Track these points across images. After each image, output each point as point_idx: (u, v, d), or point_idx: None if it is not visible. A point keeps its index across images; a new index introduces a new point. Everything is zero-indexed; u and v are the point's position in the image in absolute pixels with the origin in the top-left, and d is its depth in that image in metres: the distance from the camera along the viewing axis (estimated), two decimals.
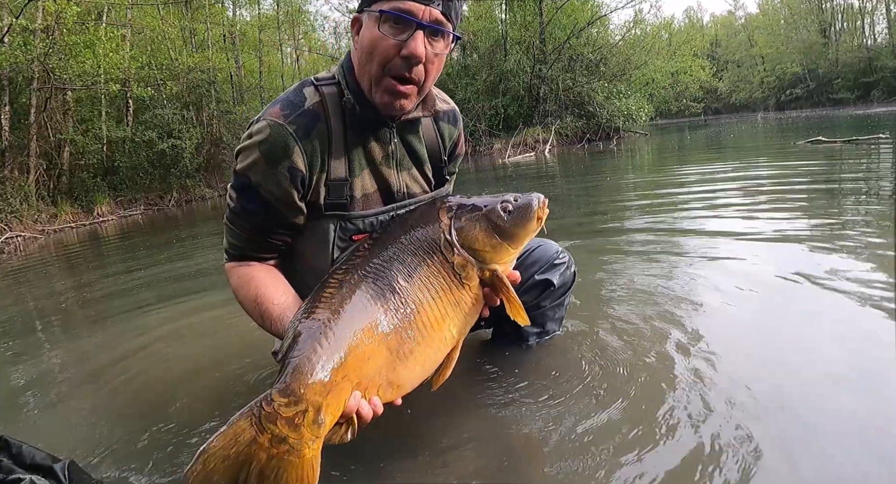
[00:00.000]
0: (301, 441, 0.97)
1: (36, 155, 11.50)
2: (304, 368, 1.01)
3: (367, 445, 1.27)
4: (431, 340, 1.14)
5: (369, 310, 1.10)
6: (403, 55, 1.19)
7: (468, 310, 1.21)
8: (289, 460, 0.97)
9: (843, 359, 1.60)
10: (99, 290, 4.03)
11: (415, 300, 1.14)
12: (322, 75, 1.38)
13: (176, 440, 1.54)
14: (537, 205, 1.25)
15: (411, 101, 1.30)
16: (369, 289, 1.13)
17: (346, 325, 1.07)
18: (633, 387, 1.54)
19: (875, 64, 41.62)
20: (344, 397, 1.02)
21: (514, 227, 1.23)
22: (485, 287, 1.23)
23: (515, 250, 1.26)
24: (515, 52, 21.85)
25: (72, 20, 10.95)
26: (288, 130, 1.26)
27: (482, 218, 1.23)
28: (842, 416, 1.32)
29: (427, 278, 1.17)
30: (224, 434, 0.97)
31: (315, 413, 0.99)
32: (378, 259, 1.18)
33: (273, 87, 21.27)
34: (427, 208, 1.30)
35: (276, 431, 0.96)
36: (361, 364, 1.06)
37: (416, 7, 1.17)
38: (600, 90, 21.32)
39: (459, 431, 1.43)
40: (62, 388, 2.08)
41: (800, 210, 3.82)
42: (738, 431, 1.28)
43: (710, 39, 63.32)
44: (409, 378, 1.13)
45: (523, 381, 1.63)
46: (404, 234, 1.23)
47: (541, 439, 1.35)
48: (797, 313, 2.00)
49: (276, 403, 0.97)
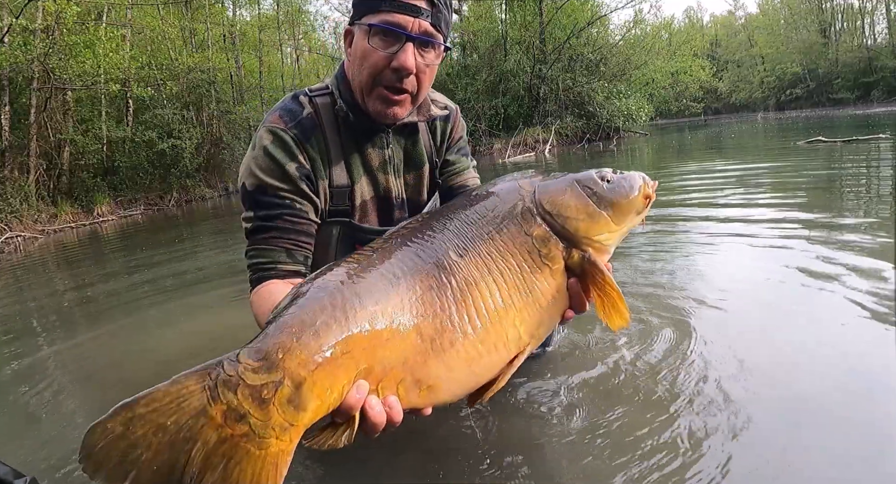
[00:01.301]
0: (266, 425, 0.72)
1: (36, 155, 11.49)
2: (291, 328, 0.77)
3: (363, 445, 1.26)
4: (486, 335, 0.88)
5: (402, 281, 0.86)
6: (394, 67, 1.21)
7: (544, 303, 0.94)
8: (245, 450, 0.71)
9: (844, 359, 1.60)
10: (99, 290, 4.03)
11: (467, 279, 0.89)
12: (315, 86, 1.40)
13: None
14: (642, 181, 1.04)
15: (405, 109, 1.31)
16: (408, 259, 0.89)
17: (365, 291, 0.83)
18: (634, 387, 1.53)
19: (875, 64, 41.59)
20: (342, 381, 0.77)
21: (614, 196, 0.99)
22: (571, 277, 0.97)
23: (617, 227, 1.00)
24: (515, 52, 21.84)
25: (72, 20, 10.95)
26: (290, 135, 1.29)
27: (574, 182, 1.01)
28: (843, 416, 1.32)
29: (490, 254, 0.92)
30: (162, 392, 0.71)
31: (293, 389, 0.73)
32: (429, 230, 0.94)
33: (273, 87, 21.28)
34: (502, 179, 1.07)
35: (234, 402, 0.71)
36: (377, 344, 0.80)
37: (405, 20, 1.18)
38: (600, 90, 21.32)
39: (460, 431, 1.43)
40: (58, 389, 2.08)
41: (800, 210, 3.81)
42: (739, 430, 1.28)
43: (710, 39, 63.35)
44: (447, 380, 0.85)
45: (521, 377, 1.63)
46: (470, 204, 1.00)
47: (540, 440, 1.35)
48: (797, 313, 1.99)
49: (241, 364, 0.73)
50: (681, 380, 1.55)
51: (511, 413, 1.48)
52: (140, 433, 0.69)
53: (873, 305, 1.92)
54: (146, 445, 0.69)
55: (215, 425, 0.71)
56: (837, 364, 1.58)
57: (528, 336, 0.92)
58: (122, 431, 0.69)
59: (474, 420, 1.47)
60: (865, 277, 2.22)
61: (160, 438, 0.69)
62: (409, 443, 1.39)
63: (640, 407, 1.43)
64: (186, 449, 0.70)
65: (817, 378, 1.52)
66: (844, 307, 1.94)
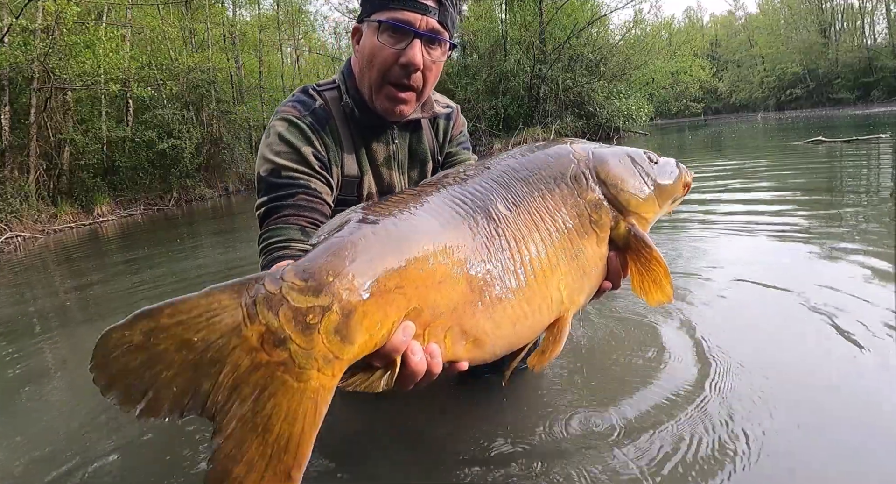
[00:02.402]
0: (309, 355, 0.64)
1: (36, 155, 11.49)
2: (343, 251, 0.69)
3: (362, 441, 1.26)
4: (532, 294, 0.84)
5: (454, 225, 0.80)
6: (402, 63, 1.23)
7: (588, 269, 0.92)
8: (282, 381, 0.63)
9: (844, 359, 1.60)
10: (99, 290, 4.03)
11: (516, 235, 0.85)
12: (323, 81, 1.42)
13: (176, 448, 1.54)
14: (684, 169, 1.08)
15: (411, 107, 1.33)
16: (457, 205, 0.84)
17: (420, 228, 0.77)
18: (633, 388, 1.54)
19: (875, 64, 41.61)
20: (392, 318, 0.71)
21: (662, 178, 1.01)
22: (611, 250, 0.96)
23: (660, 208, 1.03)
24: (515, 52, 21.83)
25: (72, 20, 10.94)
26: (305, 123, 1.30)
27: (627, 155, 1.01)
28: (844, 417, 1.32)
29: (539, 212, 0.89)
30: (190, 304, 0.62)
31: (341, 318, 0.66)
32: (474, 180, 0.90)
33: (273, 87, 21.30)
34: (546, 142, 1.04)
35: (274, 324, 0.63)
36: (430, 284, 0.74)
37: (413, 17, 1.20)
38: (600, 90, 21.32)
39: (460, 433, 1.44)
40: (58, 389, 2.08)
41: (800, 209, 3.81)
42: (739, 433, 1.28)
43: (710, 39, 63.38)
44: (492, 335, 0.81)
45: (522, 377, 1.63)
46: (517, 160, 0.96)
47: (541, 440, 1.35)
48: (797, 313, 1.99)
49: (286, 283, 0.65)
50: (681, 379, 1.55)
51: (511, 413, 1.48)
52: (161, 348, 0.60)
53: (874, 304, 1.92)
54: (167, 362, 0.60)
55: (249, 348, 0.62)
56: (838, 363, 1.58)
57: (569, 301, 0.89)
58: (140, 342, 0.60)
59: (475, 419, 1.47)
60: (866, 276, 2.22)
61: (184, 356, 0.61)
62: (409, 442, 1.39)
63: (639, 407, 1.43)
64: (213, 372, 0.61)
65: (817, 378, 1.52)
66: (845, 306, 1.94)
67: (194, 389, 0.61)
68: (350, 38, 1.37)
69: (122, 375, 0.60)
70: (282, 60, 25.83)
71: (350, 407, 1.54)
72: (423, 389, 0.78)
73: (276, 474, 0.62)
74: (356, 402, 1.54)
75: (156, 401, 0.60)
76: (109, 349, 0.60)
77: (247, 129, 17.45)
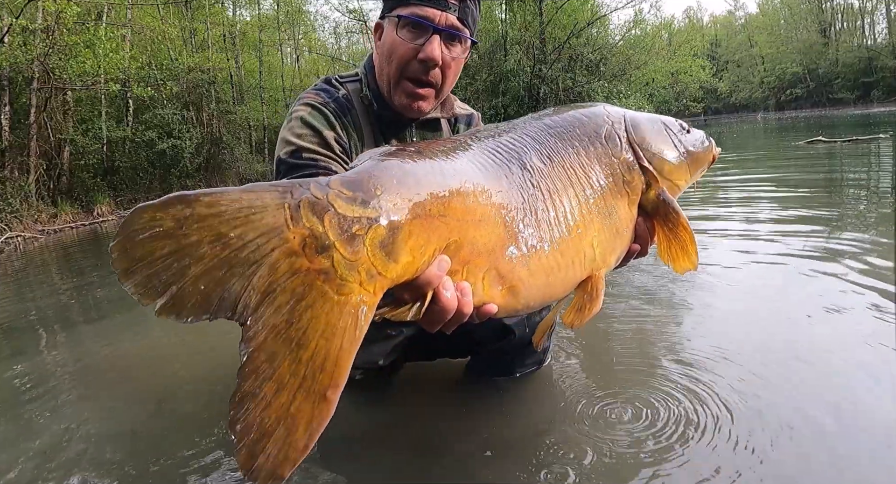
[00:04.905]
0: (353, 266, 0.59)
1: (36, 155, 11.48)
2: (390, 168, 0.68)
3: (364, 440, 1.26)
4: (567, 247, 0.83)
5: (490, 171, 0.80)
6: (420, 58, 1.24)
7: (620, 229, 0.92)
8: (322, 291, 0.58)
9: (844, 359, 1.60)
10: (99, 290, 4.03)
11: (550, 188, 0.84)
12: (346, 73, 1.44)
13: (176, 449, 1.54)
14: (710, 140, 1.09)
15: (429, 104, 1.34)
16: (493, 154, 0.83)
17: (459, 168, 0.76)
18: (634, 388, 1.54)
19: (875, 64, 41.64)
20: (434, 244, 0.68)
21: (694, 147, 1.03)
22: (639, 215, 0.96)
23: (690, 177, 1.05)
24: (515, 52, 21.83)
25: (72, 20, 10.94)
26: (329, 109, 1.31)
27: (662, 122, 1.02)
28: (847, 418, 1.32)
29: (574, 168, 0.88)
30: (231, 197, 0.57)
31: (388, 233, 0.63)
32: (509, 135, 0.89)
33: (273, 87, 21.29)
34: (586, 104, 1.04)
35: (318, 229, 0.59)
36: (471, 220, 0.73)
37: (433, 13, 1.21)
38: (600, 90, 21.31)
39: (460, 433, 1.44)
40: (58, 389, 2.08)
41: (800, 209, 3.81)
42: (738, 433, 1.28)
43: (710, 39, 63.30)
44: (526, 284, 0.79)
45: (521, 377, 1.63)
46: (550, 117, 0.96)
47: (541, 440, 1.35)
48: (797, 313, 1.99)
49: (333, 190, 0.62)
50: (681, 379, 1.55)
51: (511, 412, 1.48)
52: (194, 239, 0.55)
53: (874, 304, 1.92)
54: (197, 255, 0.55)
55: (289, 251, 0.57)
56: (837, 363, 1.58)
57: (601, 259, 0.89)
58: (171, 228, 0.54)
59: (474, 419, 1.47)
60: (865, 275, 2.22)
61: (216, 252, 0.55)
62: (408, 442, 1.39)
63: (640, 408, 1.43)
64: (247, 273, 0.56)
65: (820, 379, 1.52)
66: (845, 306, 1.95)
67: (223, 288, 0.55)
68: (372, 35, 1.38)
69: (145, 262, 0.54)
70: (282, 60, 25.80)
71: (350, 406, 1.54)
72: (450, 331, 0.78)
73: (309, 395, 0.57)
74: (356, 401, 1.54)
75: (180, 298, 0.55)
76: (137, 230, 0.54)
77: (247, 129, 17.44)
